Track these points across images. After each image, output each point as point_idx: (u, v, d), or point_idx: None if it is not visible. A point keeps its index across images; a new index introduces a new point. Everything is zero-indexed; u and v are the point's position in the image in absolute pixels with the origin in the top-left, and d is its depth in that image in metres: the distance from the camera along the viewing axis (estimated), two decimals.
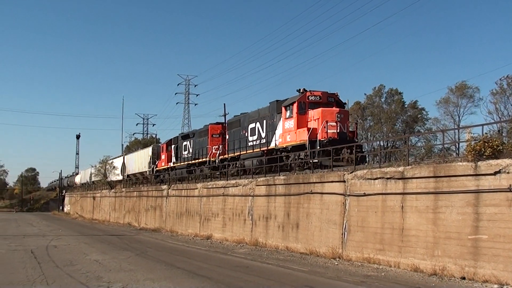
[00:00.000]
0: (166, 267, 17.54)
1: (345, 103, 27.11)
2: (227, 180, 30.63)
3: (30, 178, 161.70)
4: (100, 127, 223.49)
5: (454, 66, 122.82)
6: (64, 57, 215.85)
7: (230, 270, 17.00)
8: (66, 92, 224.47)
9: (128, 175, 59.72)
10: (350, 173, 19.97)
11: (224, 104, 77.52)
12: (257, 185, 26.42)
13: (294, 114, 25.91)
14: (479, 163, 14.95)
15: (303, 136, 24.87)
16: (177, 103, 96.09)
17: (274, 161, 27.00)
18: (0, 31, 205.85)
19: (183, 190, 36.91)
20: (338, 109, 25.21)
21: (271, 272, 16.47)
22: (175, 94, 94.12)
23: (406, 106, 56.09)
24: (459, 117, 50.24)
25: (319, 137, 23.96)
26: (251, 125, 31.02)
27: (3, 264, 18.15)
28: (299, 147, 25.33)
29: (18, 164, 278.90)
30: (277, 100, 28.36)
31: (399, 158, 34.24)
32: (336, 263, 18.60)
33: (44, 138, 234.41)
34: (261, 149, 29.16)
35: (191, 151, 40.96)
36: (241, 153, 31.82)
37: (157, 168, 50.31)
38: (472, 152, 15.26)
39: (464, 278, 14.58)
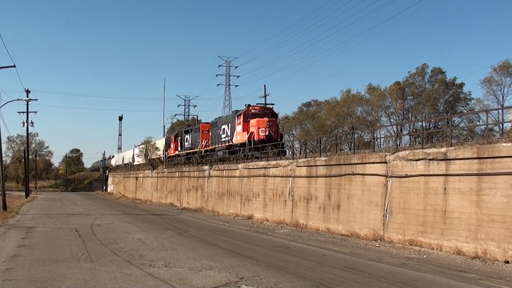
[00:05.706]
0: (207, 246, 17.79)
1: (278, 113, 41.05)
2: (267, 160, 30.76)
3: (74, 158, 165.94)
4: (143, 109, 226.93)
5: (499, 44, 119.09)
6: (107, 41, 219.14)
7: (271, 250, 17.14)
8: (109, 75, 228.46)
9: (149, 159, 68.70)
10: (392, 154, 19.75)
11: (265, 85, 78.31)
12: (297, 166, 26.42)
13: (241, 122, 37.58)
14: None
15: (245, 137, 36.38)
16: (218, 85, 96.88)
17: (232, 153, 38.90)
18: (43, 16, 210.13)
19: (224, 171, 37.27)
20: (268, 119, 36.49)
21: (312, 253, 16.53)
22: (216, 75, 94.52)
23: (447, 83, 54.59)
24: (503, 97, 48.88)
25: (254, 138, 35.07)
26: (223, 126, 42.55)
27: (49, 242, 18.73)
28: (244, 144, 36.65)
29: (63, 145, 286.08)
30: (236, 110, 40.80)
31: (441, 139, 33.63)
32: (377, 245, 18.54)
33: (88, 120, 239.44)
34: (226, 144, 40.90)
35: (190, 142, 52.60)
36: (216, 146, 43.55)
37: (168, 155, 61.28)
38: None
39: (507, 262, 14.32)
